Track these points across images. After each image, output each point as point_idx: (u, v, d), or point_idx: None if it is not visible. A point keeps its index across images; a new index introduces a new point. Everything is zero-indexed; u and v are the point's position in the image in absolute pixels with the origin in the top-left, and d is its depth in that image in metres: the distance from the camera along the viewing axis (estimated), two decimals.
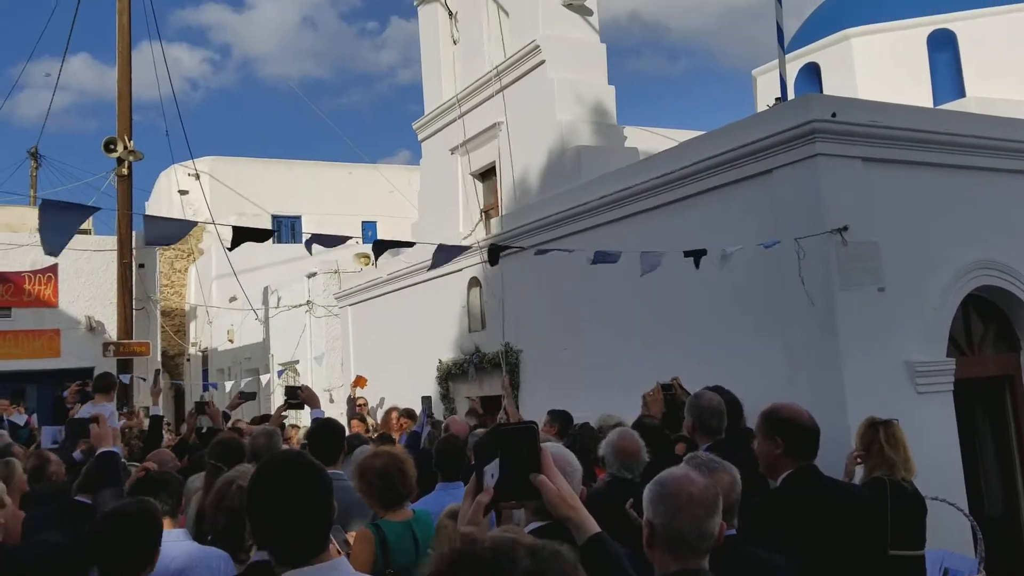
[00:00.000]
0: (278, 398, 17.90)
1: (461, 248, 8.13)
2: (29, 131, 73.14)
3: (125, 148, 14.38)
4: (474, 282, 11.40)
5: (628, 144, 10.93)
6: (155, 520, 3.30)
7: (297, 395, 7.04)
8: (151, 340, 16.20)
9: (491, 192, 12.09)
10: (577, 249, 7.20)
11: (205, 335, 23.51)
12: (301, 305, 17.06)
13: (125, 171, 14.46)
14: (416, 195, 14.63)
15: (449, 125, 12.85)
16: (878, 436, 4.76)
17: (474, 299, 11.53)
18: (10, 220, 19.10)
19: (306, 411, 16.44)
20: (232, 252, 6.51)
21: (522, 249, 7.56)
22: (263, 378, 17.89)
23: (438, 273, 11.12)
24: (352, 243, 22.78)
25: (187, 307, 25.34)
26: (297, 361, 17.50)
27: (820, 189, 6.62)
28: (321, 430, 4.98)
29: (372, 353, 14.32)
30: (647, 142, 11.27)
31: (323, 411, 6.48)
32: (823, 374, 6.51)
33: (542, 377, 9.96)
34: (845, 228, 6.48)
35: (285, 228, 26.78)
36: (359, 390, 12.85)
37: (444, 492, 4.74)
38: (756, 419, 3.77)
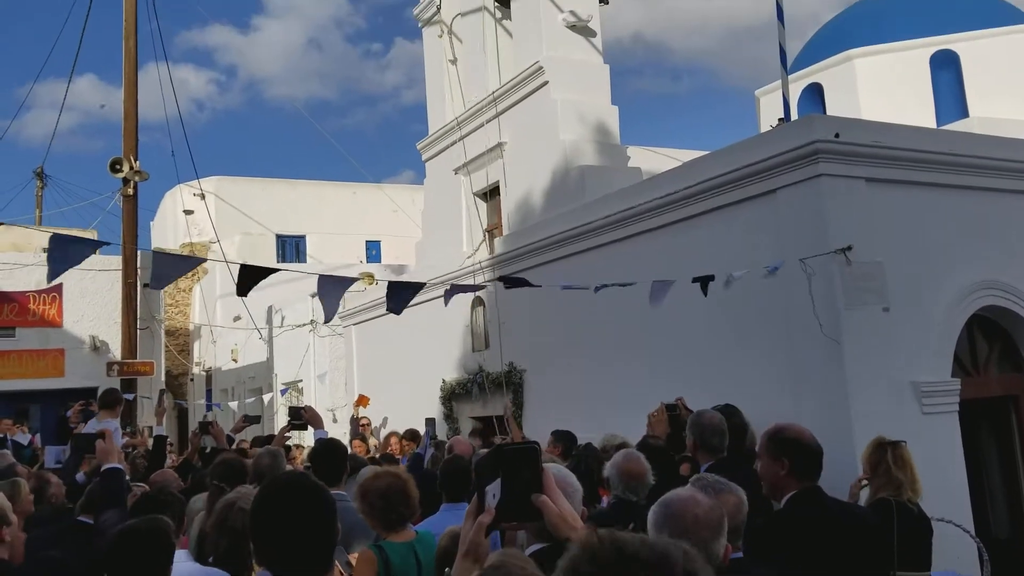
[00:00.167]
0: (281, 418, 17.89)
1: (473, 287, 8.15)
2: (35, 151, 73.73)
3: (131, 168, 14.44)
4: (478, 301, 11.40)
5: (631, 164, 10.95)
6: (168, 538, 3.31)
7: (300, 416, 7.03)
8: (155, 360, 16.22)
9: (495, 212, 12.11)
10: (593, 285, 7.21)
11: (209, 355, 23.52)
12: (305, 324, 17.06)
13: (131, 191, 14.53)
14: (420, 214, 14.66)
15: (453, 145, 12.90)
16: (885, 457, 4.74)
17: (478, 319, 11.53)
18: (16, 240, 19.17)
19: (310, 431, 16.42)
20: (236, 271, 6.52)
21: (530, 284, 7.52)
22: (265, 397, 17.88)
23: (442, 292, 11.11)
24: (356, 262, 22.84)
25: (191, 326, 25.37)
26: (300, 381, 17.48)
27: (824, 209, 6.62)
28: (324, 451, 4.97)
29: (376, 372, 14.30)
30: (650, 162, 11.30)
31: (326, 431, 6.47)
32: (828, 394, 6.49)
33: (546, 397, 9.94)
34: (849, 248, 6.46)
35: (289, 247, 26.85)
36: (362, 409, 12.83)
37: (449, 513, 4.72)
38: (759, 440, 3.75)
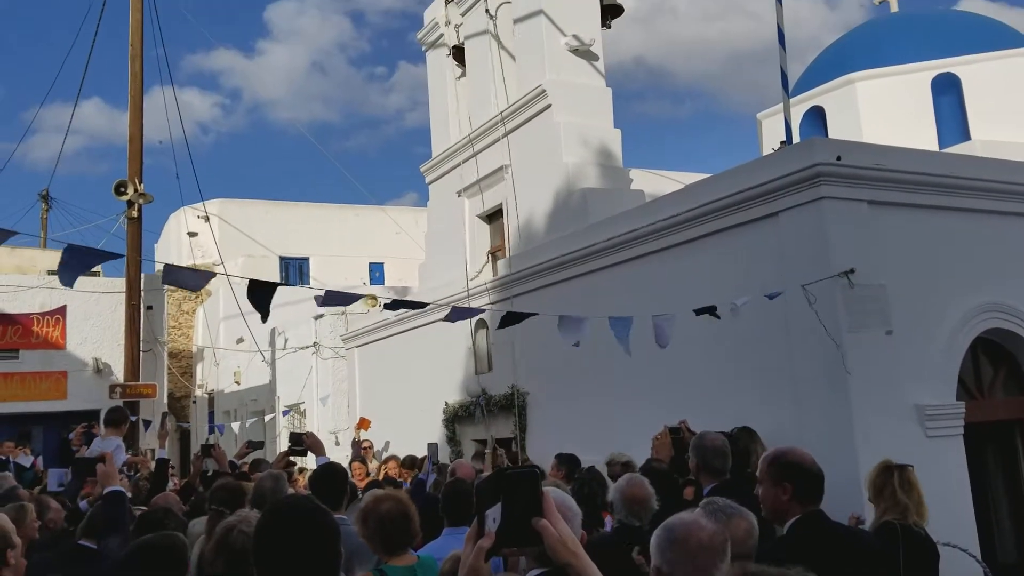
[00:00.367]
0: (283, 441, 17.83)
1: (474, 311, 8.13)
2: (41, 174, 73.92)
3: (135, 191, 14.49)
4: (481, 324, 11.39)
5: (634, 187, 10.98)
6: (182, 553, 3.32)
7: (302, 442, 6.98)
8: (158, 382, 16.22)
9: (498, 234, 12.13)
10: (596, 308, 7.21)
11: (212, 377, 23.48)
12: (308, 347, 17.04)
13: (135, 213, 14.56)
14: (423, 236, 14.69)
15: (456, 168, 12.95)
16: (891, 480, 4.70)
17: (481, 341, 11.52)
18: (20, 262, 19.23)
19: (311, 456, 16.32)
20: (240, 293, 6.55)
21: (531, 315, 7.53)
22: (267, 417, 17.83)
23: (444, 315, 11.12)
24: (359, 284, 22.85)
25: (194, 349, 25.36)
26: (303, 403, 17.44)
27: (826, 232, 6.62)
28: (324, 475, 4.94)
29: (378, 395, 14.27)
30: (653, 184, 11.32)
31: (328, 458, 6.43)
32: (832, 418, 6.46)
33: (549, 419, 9.91)
34: (852, 271, 6.46)
35: (293, 270, 26.88)
36: (364, 432, 12.79)
37: (451, 537, 4.68)
38: (759, 464, 3.71)
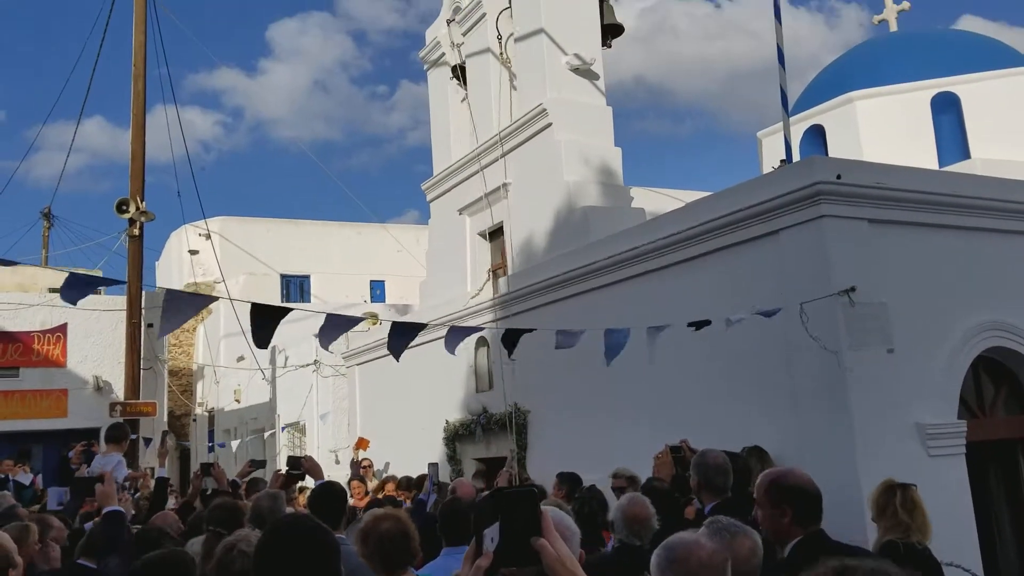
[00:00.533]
0: (284, 457, 17.79)
1: (473, 329, 8.13)
2: (43, 192, 74.19)
3: (137, 209, 14.52)
4: (482, 342, 11.38)
5: (635, 205, 11.00)
6: (190, 570, 3.32)
7: (300, 465, 6.96)
8: (158, 400, 16.19)
9: (498, 252, 12.15)
10: (583, 315, 7.21)
11: (212, 395, 23.46)
12: (308, 365, 17.03)
13: (136, 231, 14.59)
14: (424, 254, 14.71)
15: (457, 186, 12.98)
16: (894, 499, 4.70)
17: (482, 359, 11.50)
18: (22, 280, 19.25)
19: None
20: (241, 311, 6.53)
21: (531, 331, 7.53)
22: (267, 434, 17.80)
23: (445, 333, 11.12)
24: (360, 302, 22.85)
25: (195, 367, 25.34)
26: (302, 422, 17.41)
27: (826, 250, 6.63)
28: (323, 494, 4.93)
29: (379, 413, 14.24)
30: (654, 202, 11.34)
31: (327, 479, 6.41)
32: (834, 436, 6.44)
33: (550, 438, 9.88)
34: (852, 289, 6.46)
35: (294, 287, 26.90)
36: (362, 452, 12.78)
37: (450, 557, 4.66)
38: (757, 488, 3.67)
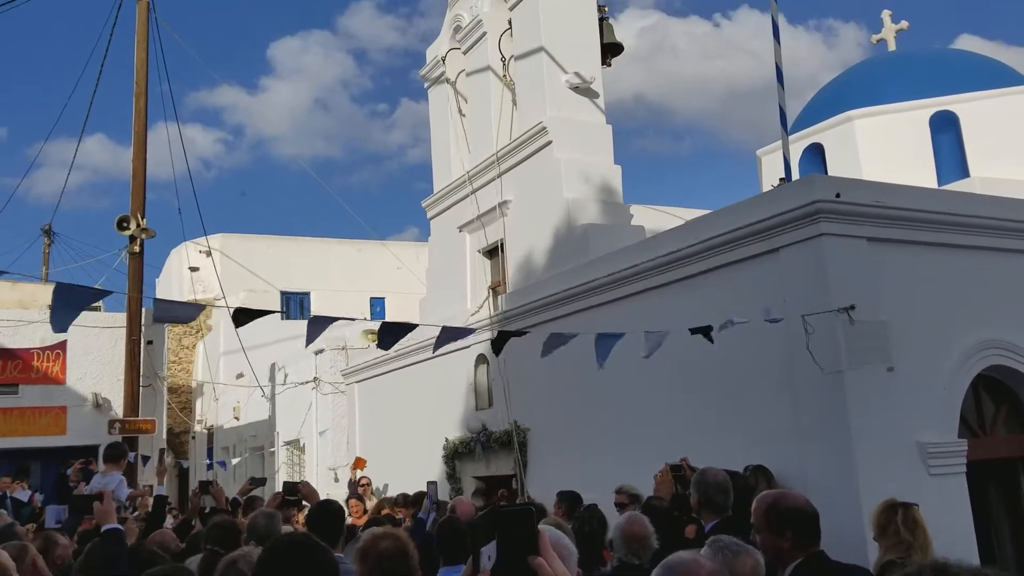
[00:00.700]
0: (283, 475, 17.73)
1: (464, 331, 8.12)
2: (44, 209, 74.20)
3: (138, 226, 14.54)
4: (481, 359, 11.37)
5: (635, 222, 11.01)
6: None
7: (296, 491, 6.95)
8: (157, 417, 16.13)
9: (498, 269, 12.15)
10: (583, 332, 7.20)
11: (211, 412, 23.41)
12: (308, 382, 17.00)
13: (137, 248, 14.60)
14: (424, 272, 14.72)
15: (457, 203, 13.01)
16: (895, 518, 4.69)
17: (481, 376, 11.48)
18: (22, 297, 19.26)
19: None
20: (240, 328, 6.53)
21: (524, 333, 7.54)
22: (267, 452, 17.75)
23: (445, 350, 11.10)
24: (360, 319, 22.86)
25: (194, 384, 25.31)
26: (302, 440, 17.36)
27: (826, 269, 6.63)
28: (321, 513, 4.92)
29: (378, 431, 14.21)
30: (654, 220, 11.36)
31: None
32: (834, 455, 6.43)
33: (550, 455, 9.85)
34: (852, 307, 6.46)
35: (294, 304, 26.88)
36: (359, 472, 12.75)
37: None
38: (754, 512, 3.63)
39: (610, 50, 12.10)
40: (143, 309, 15.09)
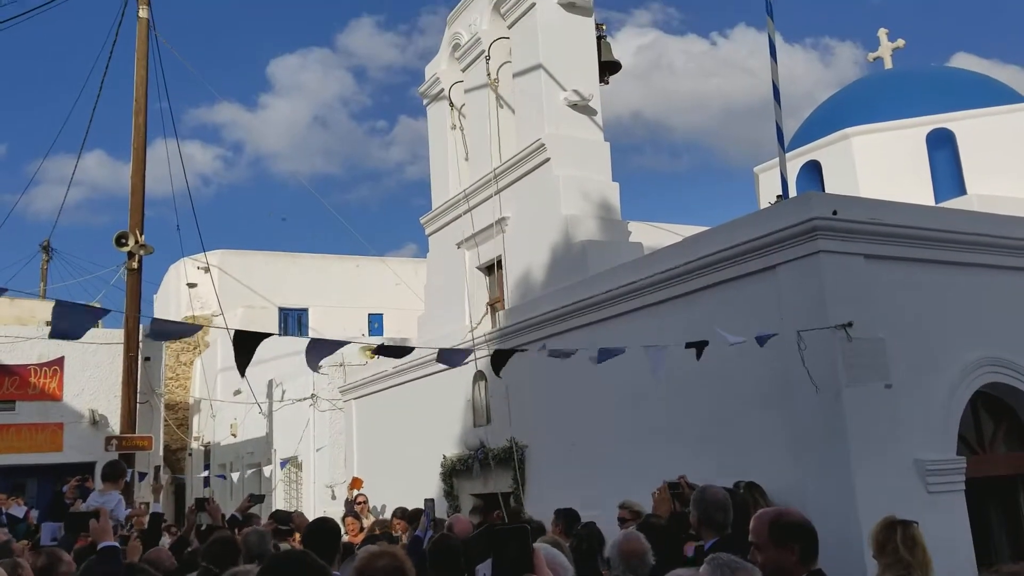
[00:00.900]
0: (280, 492, 17.66)
1: (464, 353, 8.12)
2: (42, 225, 74.25)
3: (136, 242, 14.55)
4: (479, 376, 11.35)
5: (633, 239, 11.02)
6: None
7: (289, 521, 6.94)
8: (154, 434, 16.09)
9: (496, 286, 12.16)
10: (581, 349, 7.19)
11: (208, 429, 23.35)
12: (305, 399, 16.97)
13: (135, 265, 14.61)
14: (422, 288, 14.72)
15: (456, 220, 13.02)
16: (894, 536, 4.66)
17: (479, 393, 11.46)
18: (19, 313, 19.23)
19: (309, 508, 16.13)
20: (232, 339, 6.52)
21: (523, 350, 7.53)
22: (265, 470, 17.68)
23: (443, 367, 11.10)
24: (358, 335, 22.81)
25: (191, 400, 25.25)
26: (299, 457, 17.30)
27: (823, 286, 6.63)
28: (317, 531, 4.90)
29: (376, 448, 14.17)
30: (652, 237, 11.37)
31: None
32: (832, 472, 6.41)
33: (549, 472, 9.82)
34: (850, 324, 6.46)
35: (292, 321, 26.88)
36: (355, 491, 12.73)
37: None
38: (755, 529, 3.58)
39: (608, 68, 12.15)
40: (141, 326, 15.07)
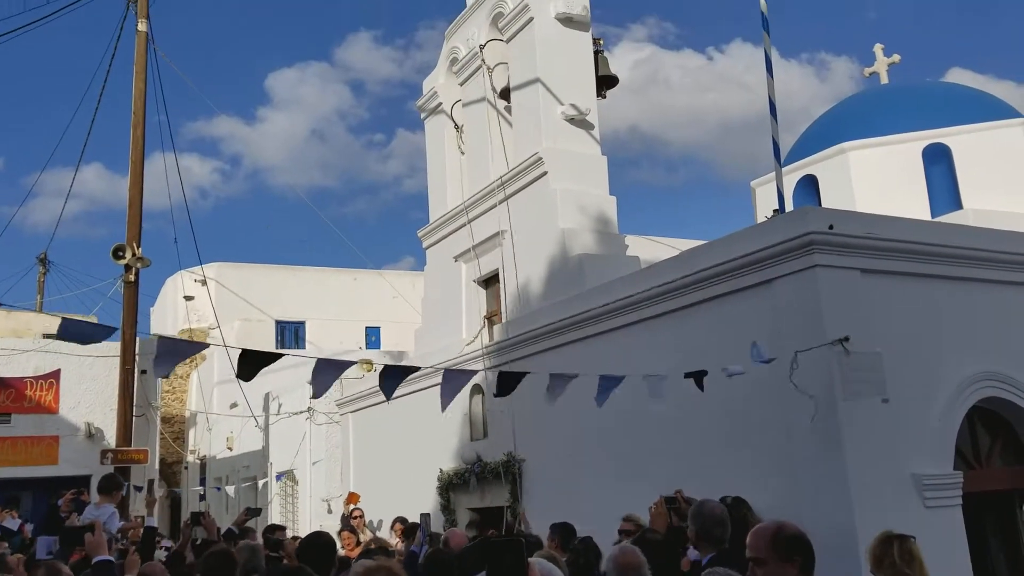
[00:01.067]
0: (276, 506, 17.60)
1: (468, 374, 8.10)
2: (40, 237, 74.29)
3: (133, 255, 14.54)
4: (476, 389, 11.34)
5: (630, 253, 11.03)
6: None
7: (279, 548, 6.94)
8: (150, 447, 16.03)
9: (494, 299, 12.16)
10: (579, 365, 7.20)
11: (204, 442, 23.28)
12: (302, 412, 16.93)
13: (132, 277, 14.59)
14: (420, 301, 14.71)
15: (453, 233, 13.04)
16: (891, 551, 4.64)
17: (476, 407, 11.44)
18: (16, 326, 19.21)
19: (305, 522, 16.07)
20: (234, 357, 6.50)
21: (525, 374, 7.51)
22: (260, 483, 17.63)
23: (439, 381, 11.07)
24: (355, 348, 22.78)
25: (187, 413, 25.19)
26: (295, 470, 17.25)
27: (820, 300, 6.64)
28: (312, 545, 4.89)
29: (372, 461, 14.13)
30: (649, 251, 11.39)
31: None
32: (829, 487, 6.40)
33: (545, 487, 9.80)
34: (846, 339, 6.46)
35: (289, 333, 26.85)
36: (351, 506, 12.69)
37: None
38: (755, 542, 3.53)
39: (605, 82, 12.19)
40: (137, 339, 15.05)
